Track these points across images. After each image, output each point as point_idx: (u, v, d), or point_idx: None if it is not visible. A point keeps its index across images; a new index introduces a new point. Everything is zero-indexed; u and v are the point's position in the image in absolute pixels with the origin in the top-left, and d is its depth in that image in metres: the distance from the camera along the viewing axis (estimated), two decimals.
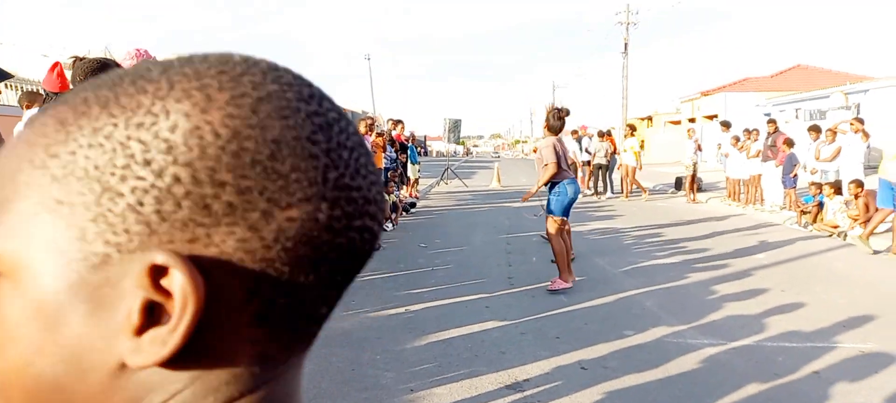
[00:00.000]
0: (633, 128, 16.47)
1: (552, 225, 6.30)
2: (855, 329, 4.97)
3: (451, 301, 5.84)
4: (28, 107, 5.78)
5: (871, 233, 8.27)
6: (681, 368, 4.13)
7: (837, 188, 10.03)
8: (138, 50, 3.80)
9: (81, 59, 3.05)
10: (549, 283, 6.25)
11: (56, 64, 4.43)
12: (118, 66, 3.05)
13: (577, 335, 4.82)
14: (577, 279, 6.32)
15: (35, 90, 8.92)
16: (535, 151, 8.69)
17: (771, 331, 4.91)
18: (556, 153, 6.22)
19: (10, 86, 12.27)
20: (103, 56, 3.27)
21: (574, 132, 16.24)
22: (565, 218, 6.35)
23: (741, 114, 24.30)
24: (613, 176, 16.45)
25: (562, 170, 6.25)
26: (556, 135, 6.44)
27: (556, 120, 6.44)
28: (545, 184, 6.30)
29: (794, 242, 9.14)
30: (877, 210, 8.45)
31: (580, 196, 7.22)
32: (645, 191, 15.71)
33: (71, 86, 3.03)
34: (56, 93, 5.21)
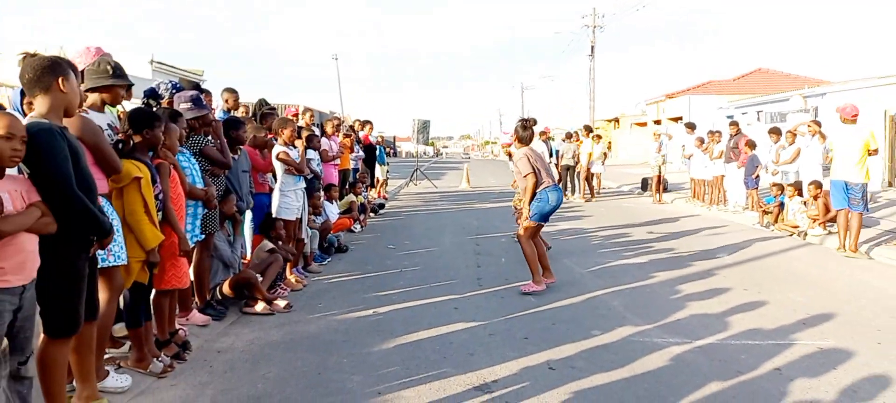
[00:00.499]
0: (588, 130, 16.78)
1: (524, 229, 6.30)
2: (814, 326, 5.09)
3: (420, 302, 5.80)
4: None
5: (856, 243, 8.27)
6: (646, 367, 4.17)
7: (798, 188, 10.29)
8: (89, 47, 3.69)
9: (32, 56, 2.94)
10: (521, 286, 6.25)
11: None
12: (70, 64, 2.94)
13: (544, 335, 4.83)
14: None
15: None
16: (508, 155, 8.68)
17: (734, 330, 4.99)
18: (531, 164, 6.22)
19: None
20: (56, 54, 3.16)
21: (542, 134, 16.39)
22: (541, 224, 6.34)
23: (705, 116, 24.80)
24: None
25: (542, 179, 6.26)
26: (527, 144, 6.46)
27: (524, 130, 6.47)
28: (531, 197, 6.23)
29: (756, 242, 9.34)
30: (837, 211, 8.60)
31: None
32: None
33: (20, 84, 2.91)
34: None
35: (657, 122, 33.04)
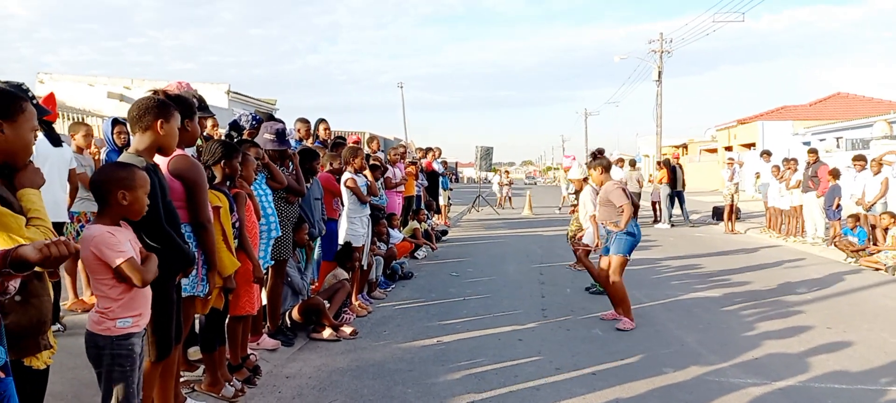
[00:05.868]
0: (621, 161, 16.29)
1: (617, 266, 6.07)
2: None
3: (484, 332, 5.75)
4: (73, 136, 5.98)
5: None
6: None
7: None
8: (180, 83, 3.95)
9: (157, 92, 3.21)
10: (617, 321, 5.98)
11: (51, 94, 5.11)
12: (175, 105, 3.14)
13: (614, 371, 4.68)
14: (610, 312, 6.19)
15: (80, 120, 9.21)
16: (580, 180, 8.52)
17: (817, 371, 4.71)
18: (627, 195, 6.10)
19: (65, 116, 12.87)
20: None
21: (619, 161, 16.11)
22: (589, 247, 6.23)
23: (779, 143, 23.81)
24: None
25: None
26: (607, 171, 6.43)
27: (603, 159, 6.50)
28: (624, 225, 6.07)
29: (839, 276, 8.82)
30: None
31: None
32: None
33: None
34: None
35: (728, 149, 31.95)
